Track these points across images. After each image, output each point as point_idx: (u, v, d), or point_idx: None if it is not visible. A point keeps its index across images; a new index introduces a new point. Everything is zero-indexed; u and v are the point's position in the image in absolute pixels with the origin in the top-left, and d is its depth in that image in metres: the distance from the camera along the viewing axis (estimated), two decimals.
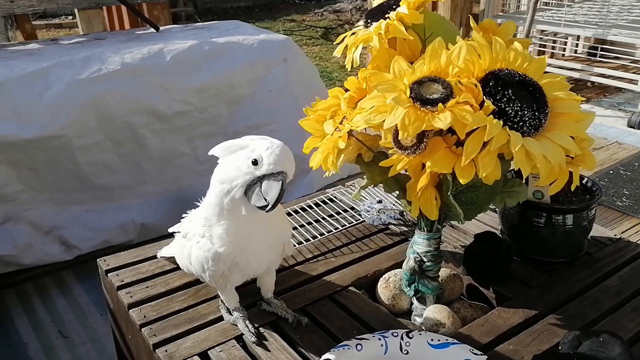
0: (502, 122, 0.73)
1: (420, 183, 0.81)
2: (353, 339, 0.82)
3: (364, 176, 0.93)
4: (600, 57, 3.87)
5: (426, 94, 0.75)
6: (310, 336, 0.93)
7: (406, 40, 0.86)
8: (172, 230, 1.11)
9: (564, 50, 4.49)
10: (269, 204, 0.81)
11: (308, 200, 1.38)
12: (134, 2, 2.92)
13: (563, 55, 4.43)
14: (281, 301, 0.99)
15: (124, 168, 2.07)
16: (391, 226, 1.26)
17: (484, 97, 0.75)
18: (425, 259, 0.95)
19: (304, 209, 1.34)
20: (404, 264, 0.98)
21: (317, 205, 1.36)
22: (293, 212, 1.33)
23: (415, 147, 0.77)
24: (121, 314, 1.07)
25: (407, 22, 0.85)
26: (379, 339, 0.82)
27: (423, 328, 0.97)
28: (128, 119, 2.03)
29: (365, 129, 0.86)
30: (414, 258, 0.95)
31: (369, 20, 0.89)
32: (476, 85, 0.76)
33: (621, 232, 1.93)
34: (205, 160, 2.14)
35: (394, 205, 1.33)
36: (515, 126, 0.75)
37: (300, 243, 1.19)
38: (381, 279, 1.07)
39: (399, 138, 0.76)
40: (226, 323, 0.96)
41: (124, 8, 3.23)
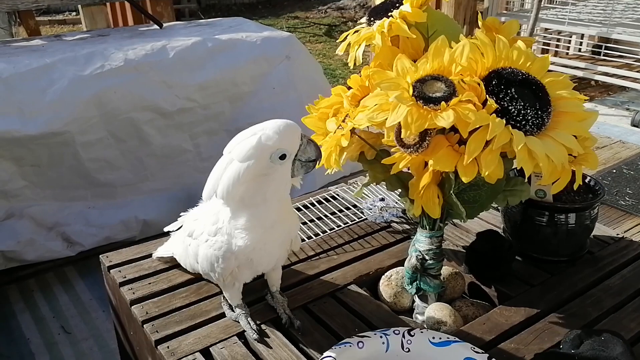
0: (505, 121, 0.73)
1: (422, 181, 0.81)
2: (354, 337, 0.82)
3: (367, 174, 0.93)
4: (604, 56, 3.86)
5: (429, 92, 0.75)
6: (311, 333, 0.93)
7: (409, 38, 0.86)
8: (169, 229, 1.11)
9: (568, 48, 4.47)
10: (317, 160, 0.87)
11: (310, 197, 1.38)
12: None
13: (567, 53, 4.42)
14: (285, 298, 0.99)
15: (127, 164, 2.07)
16: (393, 224, 1.26)
17: (487, 96, 0.75)
18: (427, 257, 0.95)
19: (307, 207, 1.34)
20: (406, 262, 0.98)
21: (320, 202, 1.36)
22: (295, 210, 1.32)
23: (417, 146, 0.77)
24: (123, 310, 1.08)
25: (410, 20, 0.85)
26: (381, 337, 0.82)
27: (425, 326, 0.97)
28: (131, 116, 2.03)
29: (367, 127, 0.86)
30: (416, 256, 0.95)
31: (372, 18, 0.89)
32: (479, 83, 0.76)
33: (624, 231, 1.93)
34: (207, 157, 2.15)
35: (397, 203, 1.33)
36: (517, 125, 0.74)
37: (302, 240, 1.19)
38: (383, 277, 1.08)
39: (402, 136, 0.76)
40: (228, 320, 0.97)
41: (128, 4, 3.23)
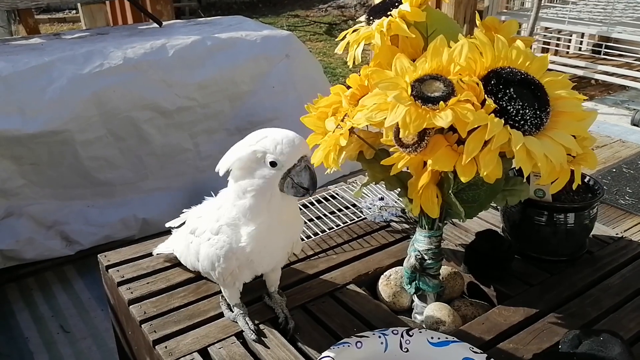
0: (504, 121, 0.73)
1: (421, 181, 0.81)
2: (353, 337, 0.82)
3: (366, 173, 0.93)
4: (604, 55, 3.86)
5: (427, 92, 0.75)
6: (310, 333, 0.93)
7: (408, 37, 0.86)
8: (170, 225, 1.10)
9: (568, 47, 4.47)
10: (309, 190, 0.84)
11: (310, 196, 1.38)
12: None
13: (567, 52, 4.42)
14: (283, 298, 0.99)
15: (126, 163, 2.07)
16: (393, 223, 1.26)
17: (486, 96, 0.75)
18: (426, 257, 0.95)
19: (306, 206, 1.34)
20: (405, 262, 0.98)
21: (319, 202, 1.36)
22: None
23: (416, 145, 0.76)
24: (121, 310, 1.08)
25: (410, 20, 0.85)
26: (379, 337, 0.82)
27: (423, 326, 0.97)
28: (130, 114, 2.03)
29: (366, 127, 0.86)
30: (415, 256, 0.95)
31: (371, 17, 0.89)
32: (478, 83, 0.76)
33: (623, 231, 1.93)
34: (207, 156, 2.14)
35: (396, 202, 1.33)
36: (516, 125, 0.74)
37: (301, 240, 1.19)
38: (382, 277, 1.08)
39: (400, 136, 0.76)
40: (226, 320, 0.97)
41: (127, 3, 3.23)
